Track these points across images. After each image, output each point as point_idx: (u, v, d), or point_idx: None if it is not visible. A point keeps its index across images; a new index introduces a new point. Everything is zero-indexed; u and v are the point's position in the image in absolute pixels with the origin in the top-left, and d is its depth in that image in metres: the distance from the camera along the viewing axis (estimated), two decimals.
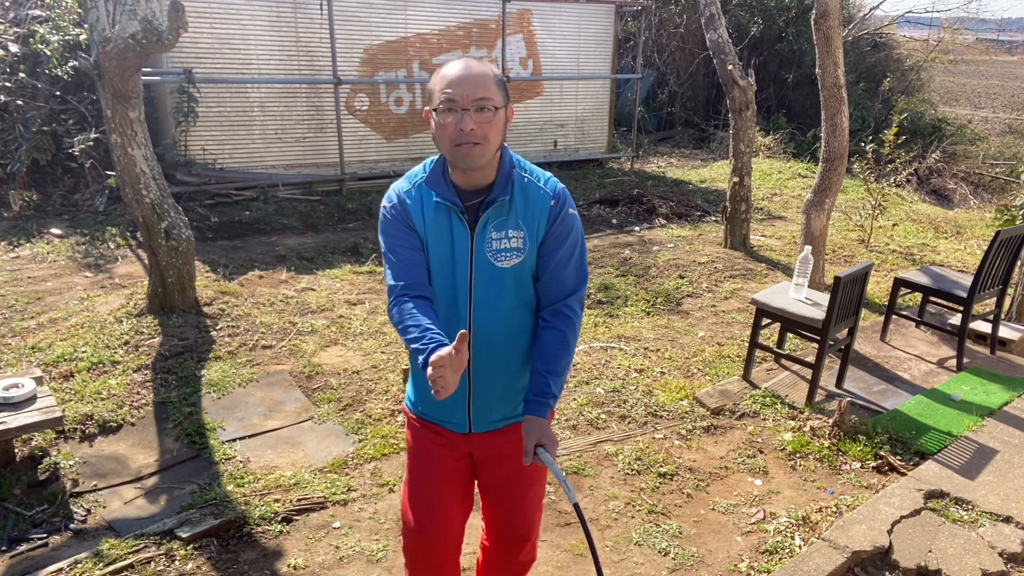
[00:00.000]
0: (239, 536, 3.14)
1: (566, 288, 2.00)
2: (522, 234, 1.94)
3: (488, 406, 2.08)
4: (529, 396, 1.97)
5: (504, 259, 1.94)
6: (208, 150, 8.35)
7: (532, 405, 1.95)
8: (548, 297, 2.01)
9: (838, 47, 5.66)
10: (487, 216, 1.92)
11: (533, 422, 1.93)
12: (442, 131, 1.83)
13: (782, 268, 6.92)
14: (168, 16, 4.44)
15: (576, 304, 2.02)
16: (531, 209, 1.94)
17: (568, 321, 2.00)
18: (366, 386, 4.45)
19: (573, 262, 2.00)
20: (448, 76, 1.82)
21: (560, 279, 1.99)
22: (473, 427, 2.10)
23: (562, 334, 1.98)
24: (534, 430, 1.92)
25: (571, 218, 1.98)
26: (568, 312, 2.00)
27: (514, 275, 1.96)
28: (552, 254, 1.97)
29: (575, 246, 2.01)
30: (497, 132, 1.86)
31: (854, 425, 4.04)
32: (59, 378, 4.30)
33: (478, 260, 1.93)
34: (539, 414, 1.94)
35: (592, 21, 10.99)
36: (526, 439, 1.93)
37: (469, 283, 1.95)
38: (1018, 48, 41.83)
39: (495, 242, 1.93)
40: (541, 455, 1.90)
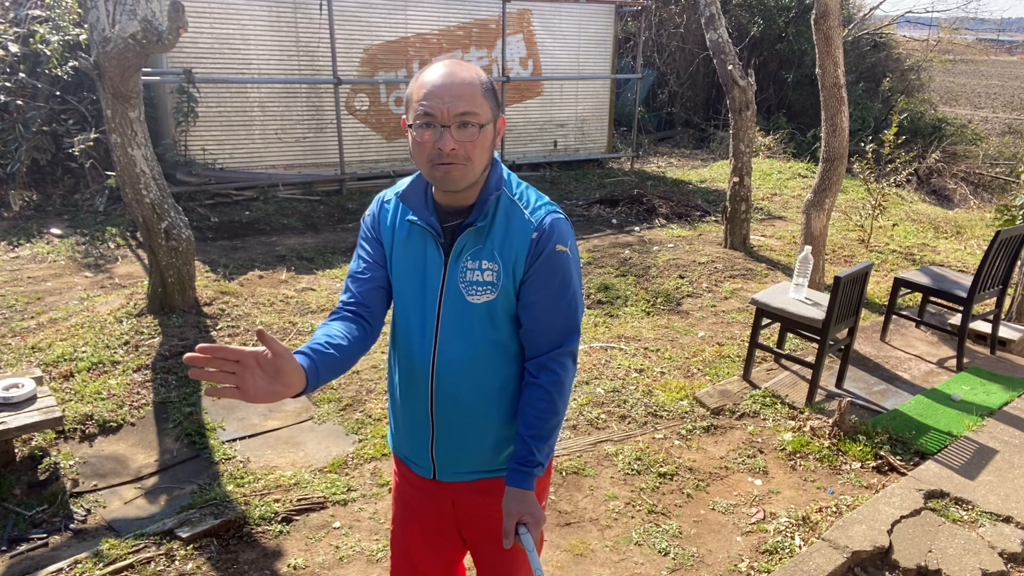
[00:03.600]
0: (239, 536, 3.14)
1: (552, 339, 1.71)
2: (496, 267, 1.66)
3: (453, 454, 1.82)
4: (511, 464, 1.72)
5: (475, 293, 1.67)
6: (208, 150, 8.35)
7: (514, 475, 1.70)
8: (532, 348, 1.73)
9: (838, 47, 5.66)
10: (464, 241, 1.67)
11: (514, 495, 1.69)
12: (419, 148, 1.59)
13: (782, 268, 6.92)
14: (168, 16, 4.44)
15: (566, 359, 1.73)
16: (510, 240, 1.66)
17: (555, 378, 1.70)
18: (366, 386, 4.45)
19: (562, 310, 1.70)
20: (427, 85, 1.57)
21: (544, 329, 1.70)
22: (438, 474, 1.84)
23: (547, 393, 1.70)
24: (515, 506, 1.68)
25: (559, 257, 1.67)
26: (555, 368, 1.71)
27: (486, 313, 1.69)
28: (534, 299, 1.68)
29: (565, 290, 1.69)
30: (483, 151, 1.60)
31: (854, 425, 4.04)
32: (59, 378, 4.30)
33: (449, 290, 1.69)
34: (522, 485, 1.69)
35: (592, 21, 10.99)
36: (506, 517, 1.69)
37: (437, 314, 1.70)
38: (1018, 48, 41.83)
39: (469, 272, 1.67)
40: (523, 536, 1.66)
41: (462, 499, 1.88)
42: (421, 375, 1.76)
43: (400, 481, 1.98)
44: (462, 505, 1.89)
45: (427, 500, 1.92)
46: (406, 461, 1.92)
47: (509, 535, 1.68)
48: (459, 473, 1.84)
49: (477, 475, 1.84)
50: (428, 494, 1.91)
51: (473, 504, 1.88)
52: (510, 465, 1.73)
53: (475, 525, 1.91)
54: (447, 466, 1.84)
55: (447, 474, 1.84)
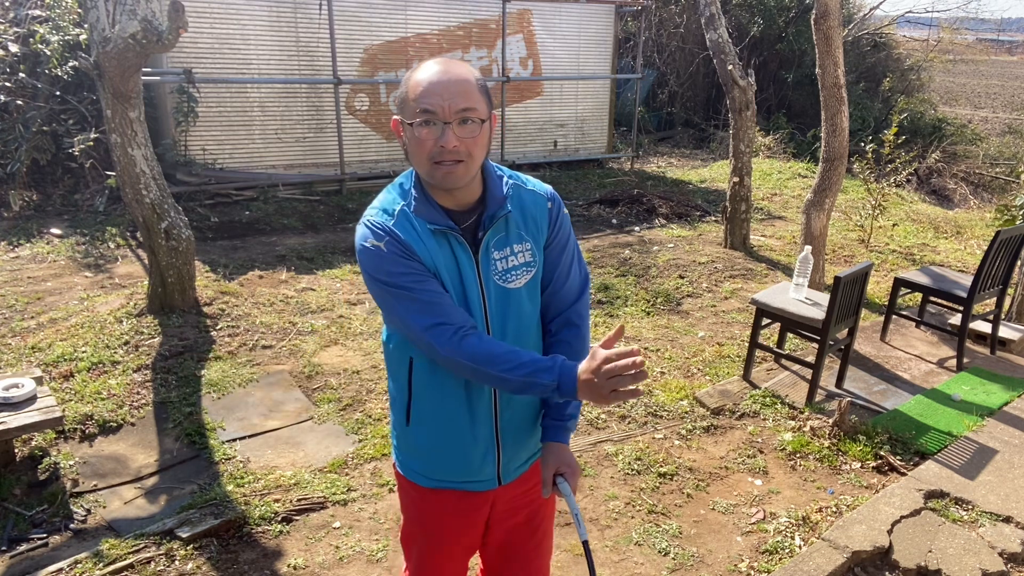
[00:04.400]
0: (239, 536, 3.14)
1: (573, 294, 1.83)
2: (529, 246, 1.73)
3: (517, 450, 1.84)
4: (546, 421, 1.79)
5: (514, 278, 1.72)
6: (208, 150, 8.35)
7: (551, 431, 1.78)
8: (556, 306, 1.82)
9: (838, 47, 5.66)
10: (487, 236, 1.69)
11: (552, 449, 1.77)
12: (419, 147, 1.57)
13: (782, 268, 6.92)
14: (168, 16, 4.44)
15: (584, 310, 1.85)
16: (531, 217, 1.74)
17: (578, 332, 1.82)
18: (366, 386, 4.45)
19: (575, 264, 1.84)
20: (425, 82, 1.56)
21: (567, 285, 1.82)
22: (503, 478, 1.84)
23: (571, 348, 1.79)
24: (553, 457, 1.76)
25: (566, 218, 1.82)
26: (577, 320, 1.83)
27: (527, 293, 1.75)
28: (558, 260, 1.79)
29: (574, 246, 1.85)
30: (482, 147, 1.61)
31: (854, 425, 4.04)
32: (59, 378, 4.30)
33: (488, 287, 1.70)
34: (559, 439, 1.78)
35: (592, 21, 10.99)
36: (544, 468, 1.77)
37: (484, 313, 1.70)
38: (1018, 48, 41.83)
39: (499, 263, 1.70)
40: (560, 485, 1.75)
41: (506, 497, 1.88)
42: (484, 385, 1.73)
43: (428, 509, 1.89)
44: (500, 501, 1.89)
45: (465, 515, 1.88)
46: (463, 486, 1.84)
47: (547, 484, 1.76)
48: (520, 467, 1.87)
49: (529, 462, 1.89)
50: (469, 507, 1.87)
51: (515, 495, 1.89)
52: (545, 423, 1.79)
53: (508, 515, 1.92)
54: (512, 464, 1.85)
55: (510, 473, 1.86)
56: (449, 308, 1.62)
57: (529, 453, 1.88)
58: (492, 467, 1.82)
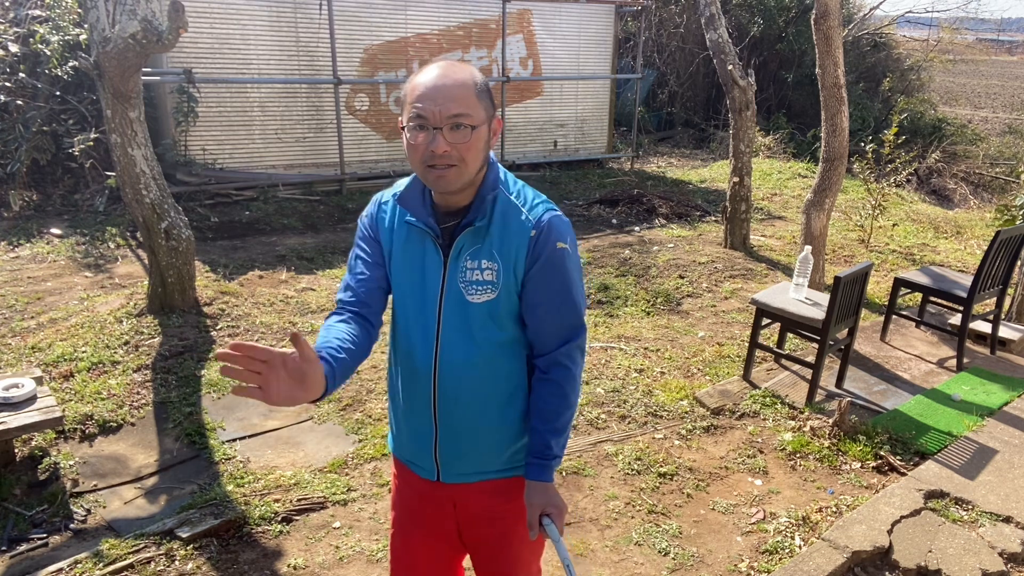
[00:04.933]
0: (239, 536, 3.14)
1: (559, 337, 1.72)
2: (495, 267, 1.67)
3: (456, 454, 1.81)
4: (529, 458, 1.76)
5: (475, 293, 1.68)
6: (208, 150, 8.35)
7: (533, 468, 1.74)
8: (540, 346, 1.74)
9: (838, 47, 5.66)
10: (462, 241, 1.67)
11: (535, 488, 1.73)
12: (412, 150, 1.59)
13: (782, 268, 6.92)
14: (168, 16, 4.44)
15: (575, 353, 1.75)
16: (508, 239, 1.66)
17: (567, 372, 1.73)
18: (366, 386, 4.45)
19: (567, 307, 1.71)
20: (420, 86, 1.56)
21: (550, 327, 1.72)
22: (441, 475, 1.83)
23: (559, 387, 1.73)
24: (537, 497, 1.72)
25: (559, 255, 1.67)
26: (566, 362, 1.73)
27: (488, 312, 1.69)
28: (538, 298, 1.69)
29: (567, 288, 1.70)
30: (477, 152, 1.60)
31: (854, 425, 4.04)
32: (59, 378, 4.30)
33: (449, 290, 1.69)
34: (541, 478, 1.74)
35: (592, 21, 10.99)
36: (529, 509, 1.73)
37: (438, 315, 1.71)
38: (1018, 48, 41.84)
39: (468, 272, 1.67)
40: (547, 528, 1.70)
41: (464, 500, 1.87)
42: (423, 376, 1.76)
43: (400, 485, 1.97)
44: (463, 507, 1.88)
45: (428, 503, 1.91)
46: (408, 464, 1.91)
47: (534, 527, 1.73)
48: (462, 474, 1.84)
49: (480, 476, 1.84)
50: (429, 497, 1.89)
51: (475, 505, 1.87)
52: (528, 459, 1.76)
53: (476, 527, 1.90)
54: (450, 467, 1.83)
55: (450, 475, 1.84)
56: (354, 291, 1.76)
57: (482, 467, 1.83)
58: (430, 458, 1.83)
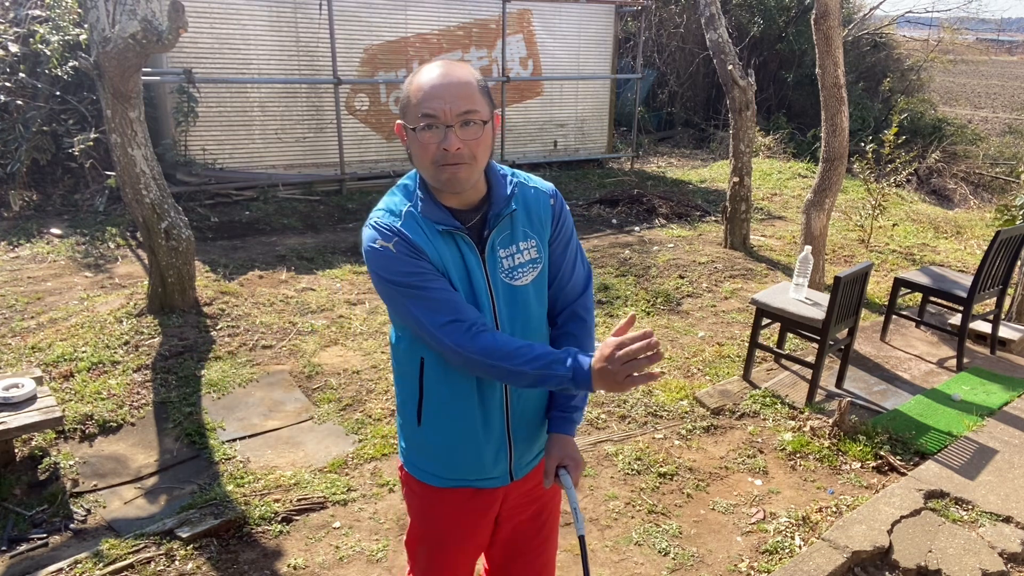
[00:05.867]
0: (239, 536, 3.14)
1: (578, 288, 1.85)
2: (534, 242, 1.75)
3: (529, 445, 1.86)
4: (552, 413, 1.80)
5: (521, 276, 1.73)
6: (208, 150, 8.35)
7: (556, 422, 1.79)
8: (562, 300, 1.85)
9: (838, 47, 5.66)
10: (492, 235, 1.71)
11: (557, 440, 1.78)
12: (422, 151, 1.57)
13: (782, 268, 6.92)
14: (168, 16, 4.44)
15: (589, 303, 1.87)
16: (535, 214, 1.76)
17: (584, 325, 1.84)
18: (366, 386, 4.45)
19: (579, 259, 1.86)
20: (426, 86, 1.56)
21: (572, 280, 1.85)
22: (515, 474, 1.85)
23: (578, 340, 1.81)
24: (557, 449, 1.77)
25: (569, 214, 1.85)
26: (583, 313, 1.85)
27: (534, 289, 1.76)
28: (562, 256, 1.81)
29: (577, 242, 1.87)
30: (486, 148, 1.62)
31: (854, 425, 4.04)
32: (59, 378, 4.30)
33: (495, 285, 1.72)
34: (564, 431, 1.78)
35: (592, 21, 10.99)
36: (548, 459, 1.77)
37: (493, 310, 1.71)
38: (1018, 48, 41.84)
39: (506, 260, 1.72)
40: (563, 477, 1.75)
41: (513, 491, 1.89)
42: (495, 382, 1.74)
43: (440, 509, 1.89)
44: (509, 498, 1.90)
45: (477, 514, 1.88)
46: (475, 483, 1.84)
47: (549, 475, 1.76)
48: (529, 463, 1.89)
49: (539, 457, 1.90)
50: (480, 506, 1.87)
51: (520, 491, 1.90)
52: (552, 415, 1.80)
53: (516, 511, 1.93)
54: (523, 459, 1.86)
55: (521, 469, 1.87)
56: (461, 305, 1.63)
57: (539, 447, 1.90)
58: (504, 463, 1.83)
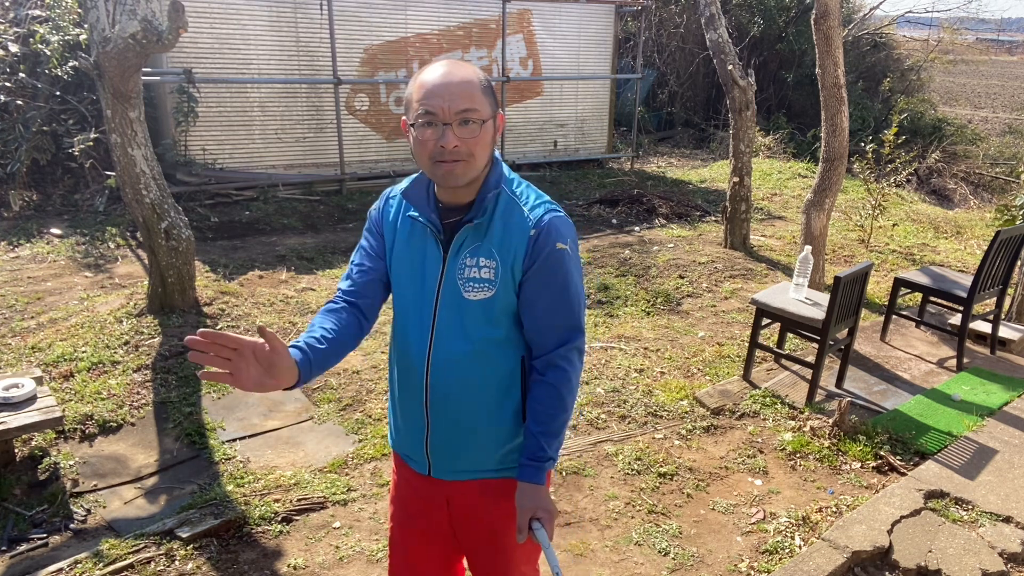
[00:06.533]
0: (239, 536, 3.14)
1: (557, 338, 1.72)
2: (494, 264, 1.68)
3: (448, 450, 1.82)
4: (522, 460, 1.73)
5: (472, 290, 1.69)
6: (208, 150, 8.35)
7: (526, 470, 1.72)
8: (538, 347, 1.74)
9: (838, 47, 5.66)
10: (462, 238, 1.69)
11: (527, 490, 1.71)
12: (421, 147, 1.61)
13: (782, 268, 6.92)
14: (168, 16, 4.44)
15: (573, 355, 1.74)
16: (508, 238, 1.68)
17: (563, 375, 1.72)
18: (366, 386, 4.45)
19: (564, 309, 1.71)
20: (427, 84, 1.59)
21: (548, 328, 1.71)
22: (433, 471, 1.84)
23: (555, 390, 1.71)
24: (528, 500, 1.71)
25: (559, 256, 1.67)
26: (563, 364, 1.72)
27: (483, 310, 1.70)
28: (536, 299, 1.69)
29: (566, 289, 1.70)
30: (484, 147, 1.63)
31: (854, 425, 4.04)
32: (59, 378, 4.30)
33: (446, 285, 1.70)
34: (534, 480, 1.71)
35: (592, 21, 10.99)
36: (520, 512, 1.71)
37: (434, 310, 1.72)
38: (1018, 48, 41.84)
39: (467, 269, 1.69)
40: (536, 532, 1.68)
41: (458, 499, 1.88)
42: (417, 370, 1.78)
43: (398, 480, 2.00)
44: (457, 505, 1.89)
45: (423, 499, 1.92)
46: (404, 458, 1.94)
47: (523, 530, 1.70)
48: (455, 472, 1.84)
49: (473, 475, 1.84)
50: (424, 493, 1.91)
51: (469, 504, 1.87)
52: (522, 460, 1.74)
53: (470, 526, 1.90)
54: (443, 463, 1.84)
55: (442, 471, 1.85)
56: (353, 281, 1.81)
57: (472, 465, 1.83)
58: (421, 450, 1.84)
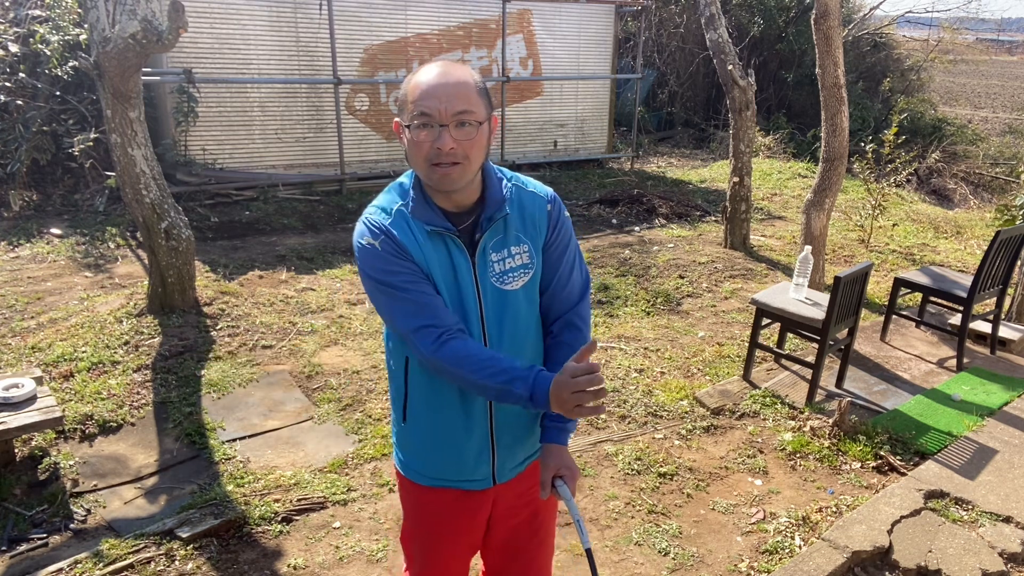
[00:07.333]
0: (239, 536, 3.14)
1: (573, 297, 1.83)
2: (527, 247, 1.74)
3: (512, 450, 1.85)
4: (546, 422, 1.79)
5: (512, 280, 1.73)
6: (208, 150, 8.35)
7: (550, 432, 1.78)
8: (557, 309, 1.83)
9: (838, 47, 5.66)
10: (486, 238, 1.70)
11: (551, 450, 1.77)
12: (416, 149, 1.59)
13: (782, 268, 6.92)
14: (168, 16, 4.44)
15: (585, 312, 1.85)
16: (529, 218, 1.75)
17: (579, 334, 1.82)
18: (366, 386, 4.45)
19: (576, 266, 1.84)
20: (422, 85, 1.58)
21: (568, 288, 1.82)
22: (497, 478, 1.86)
23: (572, 349, 1.77)
24: (552, 459, 1.76)
25: (567, 221, 1.82)
26: (579, 322, 1.82)
27: (525, 295, 1.76)
28: (558, 262, 1.79)
29: (575, 249, 1.85)
30: (480, 149, 1.62)
31: (854, 425, 4.04)
32: (59, 378, 4.30)
33: (484, 288, 1.71)
34: (558, 441, 1.77)
35: (592, 21, 10.99)
36: (543, 470, 1.76)
37: (480, 314, 1.71)
38: (1018, 48, 41.84)
39: (497, 264, 1.71)
40: (559, 488, 1.74)
41: (506, 495, 1.89)
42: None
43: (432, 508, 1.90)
44: (502, 500, 1.90)
45: (472, 513, 1.89)
46: (453, 484, 1.85)
47: (546, 486, 1.75)
48: (516, 467, 1.88)
49: (527, 462, 1.90)
50: (474, 506, 1.88)
51: (513, 494, 1.90)
52: (545, 423, 1.79)
53: (510, 515, 1.93)
54: (507, 464, 1.86)
55: (505, 473, 1.87)
56: (439, 310, 1.64)
57: (527, 453, 1.89)
58: (487, 466, 1.83)
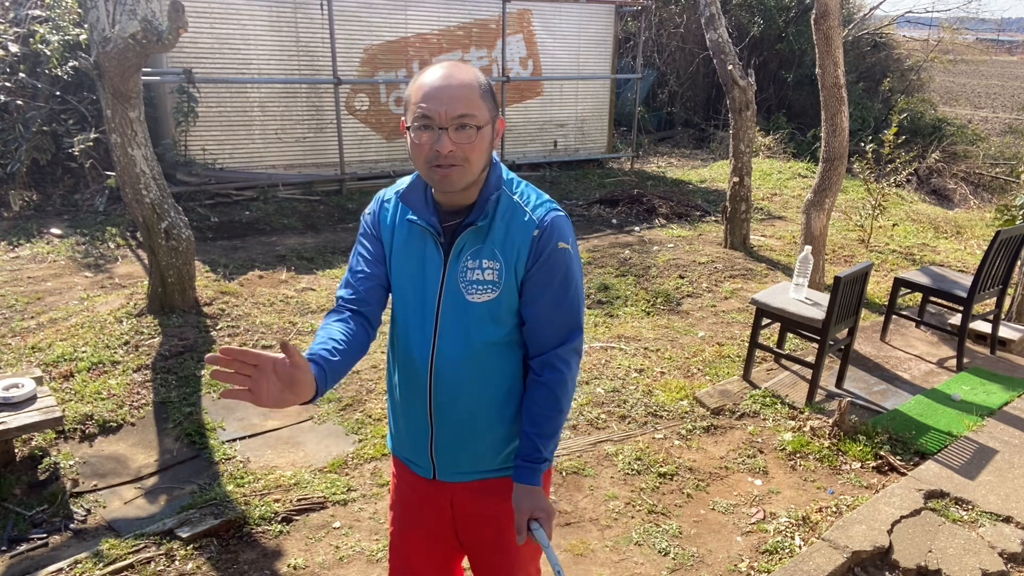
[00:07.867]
0: (239, 536, 3.14)
1: (555, 337, 1.72)
2: (497, 266, 1.67)
3: (453, 453, 1.82)
4: (518, 461, 1.75)
5: (476, 292, 1.68)
6: (208, 150, 8.35)
7: (521, 471, 1.73)
8: (535, 346, 1.74)
9: (838, 47, 5.66)
10: (463, 241, 1.68)
11: (523, 492, 1.72)
12: (417, 150, 1.60)
13: (782, 268, 6.92)
14: (168, 16, 4.44)
15: (570, 355, 1.74)
16: (511, 238, 1.67)
17: (559, 376, 1.72)
18: (366, 386, 4.45)
19: (565, 307, 1.71)
20: (425, 86, 1.58)
21: (547, 326, 1.71)
22: (438, 474, 1.84)
23: (551, 391, 1.71)
24: (525, 501, 1.71)
25: (561, 255, 1.68)
26: (559, 365, 1.72)
27: (488, 312, 1.69)
28: (537, 297, 1.69)
29: (567, 288, 1.71)
30: (481, 152, 1.61)
31: (854, 425, 4.04)
32: (59, 378, 4.30)
33: (448, 289, 1.70)
34: (530, 481, 1.72)
35: (592, 21, 10.99)
36: (517, 513, 1.71)
37: (436, 313, 1.71)
38: (1018, 48, 41.85)
39: (469, 272, 1.68)
40: (536, 533, 1.68)
41: (461, 500, 1.88)
42: (420, 374, 1.77)
43: (399, 483, 1.98)
44: (460, 506, 1.89)
45: (426, 502, 1.92)
46: (405, 462, 1.92)
47: (522, 531, 1.70)
48: (459, 473, 1.84)
49: (477, 475, 1.84)
50: (427, 495, 1.90)
51: (472, 505, 1.88)
52: (517, 462, 1.75)
53: (473, 526, 1.90)
54: (447, 466, 1.84)
55: (447, 474, 1.85)
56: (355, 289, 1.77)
57: (476, 467, 1.84)
58: (426, 454, 1.84)
